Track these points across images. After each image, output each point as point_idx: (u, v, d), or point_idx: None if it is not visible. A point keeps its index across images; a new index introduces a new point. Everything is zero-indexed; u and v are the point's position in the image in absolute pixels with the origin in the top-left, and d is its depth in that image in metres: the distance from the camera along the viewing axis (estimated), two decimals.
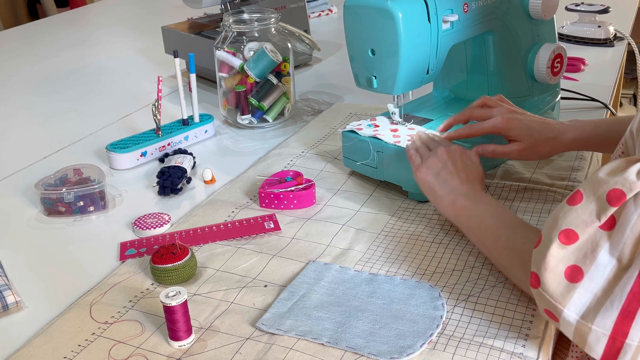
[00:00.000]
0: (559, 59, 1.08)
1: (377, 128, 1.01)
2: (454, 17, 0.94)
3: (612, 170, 0.60)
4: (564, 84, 1.29)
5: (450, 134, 0.97)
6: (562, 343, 0.91)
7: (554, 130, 0.93)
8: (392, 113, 1.03)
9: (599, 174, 0.61)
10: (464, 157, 0.89)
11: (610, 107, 1.25)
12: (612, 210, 0.59)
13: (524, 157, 0.95)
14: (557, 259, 0.61)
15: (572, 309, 0.61)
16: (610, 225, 0.60)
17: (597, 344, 0.60)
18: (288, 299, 0.76)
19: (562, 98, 1.17)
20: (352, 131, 1.01)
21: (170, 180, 1.02)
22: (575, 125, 0.94)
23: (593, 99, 1.26)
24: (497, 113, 0.94)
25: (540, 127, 0.93)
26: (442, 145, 0.91)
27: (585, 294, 0.60)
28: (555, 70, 1.08)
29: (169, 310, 0.69)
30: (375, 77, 0.96)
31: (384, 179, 0.99)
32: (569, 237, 0.61)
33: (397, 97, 1.01)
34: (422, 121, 1.05)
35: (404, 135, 0.98)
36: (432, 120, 1.06)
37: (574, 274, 0.61)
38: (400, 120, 1.03)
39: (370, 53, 0.95)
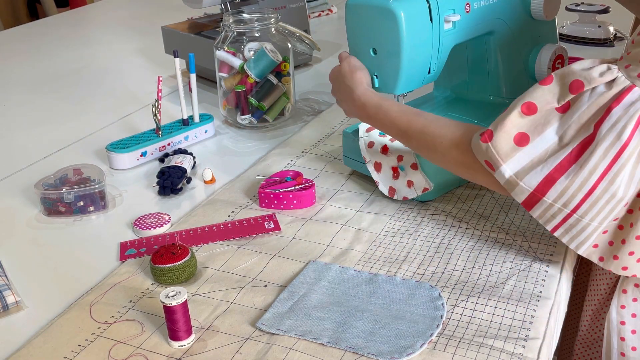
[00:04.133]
0: (560, 60, 1.08)
1: None
2: (455, 17, 0.94)
3: (584, 66, 0.71)
4: None
5: None
6: (566, 343, 0.93)
7: None
8: None
9: (572, 66, 0.72)
10: (332, 79, 0.97)
11: None
12: (571, 96, 0.71)
13: None
14: (513, 124, 0.73)
15: (510, 166, 0.73)
16: (565, 109, 0.71)
17: (520, 194, 0.74)
18: (288, 299, 0.76)
19: None
20: (356, 131, 1.01)
21: (170, 180, 1.02)
22: None
23: None
24: None
25: None
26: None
27: (525, 157, 0.72)
28: None
29: (169, 310, 0.69)
30: (376, 76, 0.96)
31: None
32: (530, 109, 0.73)
33: (399, 97, 1.01)
34: None
35: None
36: None
37: (522, 140, 0.73)
38: None
39: (372, 52, 0.94)
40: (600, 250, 0.75)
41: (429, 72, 0.97)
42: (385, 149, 0.96)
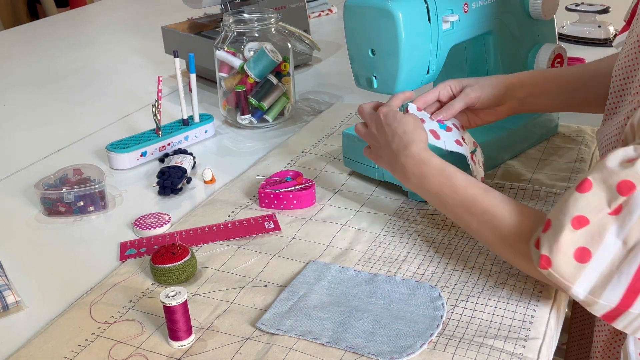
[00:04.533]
0: (559, 59, 1.08)
1: None
2: (454, 17, 0.94)
3: (621, 160, 0.64)
4: None
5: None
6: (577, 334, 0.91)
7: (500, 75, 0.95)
8: None
9: (607, 164, 0.65)
10: (388, 119, 0.86)
11: None
12: (622, 199, 0.63)
13: (480, 100, 0.93)
14: (568, 242, 0.66)
15: (581, 286, 0.66)
16: (618, 210, 0.64)
17: (601, 310, 0.66)
18: (288, 299, 0.76)
19: None
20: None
21: (170, 180, 1.02)
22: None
23: None
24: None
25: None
26: (368, 119, 0.89)
27: (593, 273, 0.65)
28: None
29: (169, 310, 0.69)
30: (375, 77, 0.96)
31: (384, 179, 0.99)
32: (581, 222, 0.65)
33: None
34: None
35: None
36: None
37: (583, 255, 0.65)
38: None
39: (370, 53, 0.95)
40: None
41: (427, 73, 0.97)
42: (460, 142, 0.92)
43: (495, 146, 1.03)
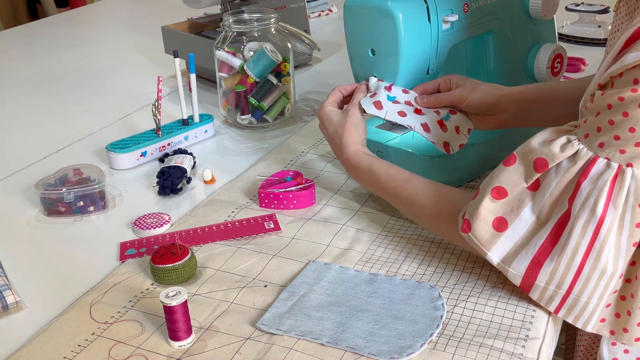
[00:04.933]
0: (559, 59, 1.08)
1: (397, 104, 0.94)
2: (454, 17, 0.94)
3: (543, 140, 0.70)
4: None
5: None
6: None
7: (499, 86, 0.96)
8: None
9: (532, 142, 0.70)
10: (324, 123, 0.94)
11: None
12: (537, 175, 0.69)
13: (466, 102, 0.94)
14: (487, 210, 0.72)
15: (495, 253, 0.72)
16: (535, 187, 0.70)
17: (514, 278, 0.72)
18: (288, 299, 0.76)
19: None
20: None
21: (170, 180, 1.02)
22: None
23: None
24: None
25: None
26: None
27: (507, 242, 0.72)
28: (555, 70, 1.08)
29: (169, 310, 0.69)
30: (375, 77, 0.96)
31: None
32: (500, 193, 0.71)
33: None
34: None
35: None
36: None
37: (500, 225, 0.72)
38: None
39: (370, 53, 0.95)
40: (609, 323, 0.72)
41: (427, 73, 0.97)
42: (418, 111, 0.94)
43: (495, 146, 1.03)
